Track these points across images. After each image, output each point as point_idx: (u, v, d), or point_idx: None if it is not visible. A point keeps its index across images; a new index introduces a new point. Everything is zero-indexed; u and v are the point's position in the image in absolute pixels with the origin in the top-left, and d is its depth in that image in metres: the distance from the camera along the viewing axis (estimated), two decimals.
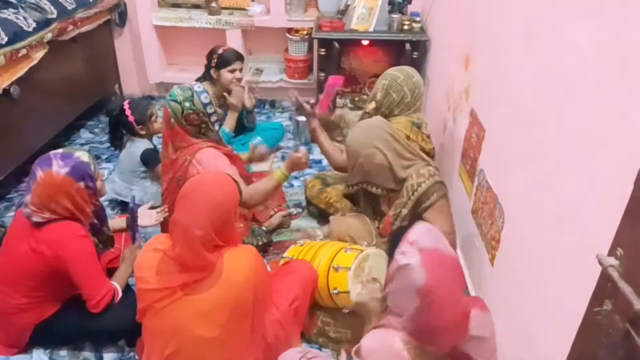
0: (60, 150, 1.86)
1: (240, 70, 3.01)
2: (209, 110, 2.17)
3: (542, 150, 1.51)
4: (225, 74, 2.95)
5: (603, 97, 1.18)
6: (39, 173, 1.77)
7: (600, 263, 0.94)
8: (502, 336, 1.39)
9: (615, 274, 0.90)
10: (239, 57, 3.00)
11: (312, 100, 2.62)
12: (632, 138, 1.01)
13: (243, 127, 3.23)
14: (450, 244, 1.46)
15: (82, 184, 1.81)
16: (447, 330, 1.23)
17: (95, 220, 1.91)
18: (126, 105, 2.70)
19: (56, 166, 1.77)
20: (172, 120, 2.14)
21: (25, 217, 1.80)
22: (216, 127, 2.31)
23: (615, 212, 0.98)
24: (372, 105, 2.48)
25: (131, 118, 2.68)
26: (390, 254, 1.32)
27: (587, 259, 1.04)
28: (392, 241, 1.35)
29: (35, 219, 1.78)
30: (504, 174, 1.85)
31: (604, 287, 0.97)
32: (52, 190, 1.76)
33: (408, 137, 2.32)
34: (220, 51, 2.96)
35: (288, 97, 2.94)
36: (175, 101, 2.12)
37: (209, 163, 2.13)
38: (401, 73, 2.44)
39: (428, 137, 2.50)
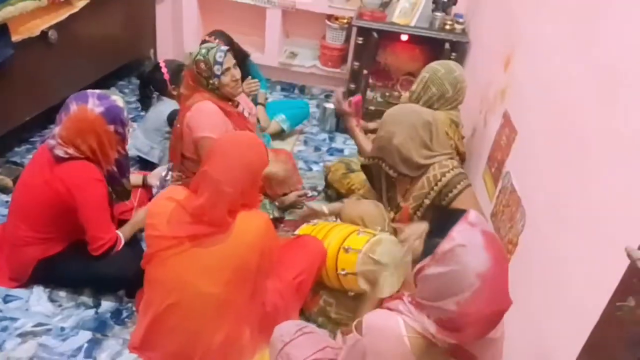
0: (97, 90, 1.87)
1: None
2: (217, 71, 2.16)
3: (578, 152, 1.46)
4: None
5: None
6: (73, 107, 1.78)
7: (629, 256, 0.89)
8: (510, 336, 1.35)
9: None
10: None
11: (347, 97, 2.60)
12: None
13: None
14: None
15: (112, 127, 1.82)
16: (488, 320, 1.14)
17: (115, 168, 1.91)
18: (162, 63, 2.75)
19: (92, 104, 1.78)
20: (187, 62, 2.22)
21: (49, 148, 1.80)
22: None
23: None
24: (406, 95, 2.43)
25: (167, 76, 2.73)
26: (433, 239, 1.20)
27: (611, 253, 0.99)
28: (438, 223, 1.24)
29: (58, 152, 1.78)
30: (531, 176, 1.80)
31: (629, 283, 0.92)
32: (83, 126, 1.77)
33: (447, 134, 2.26)
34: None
35: (333, 94, 2.87)
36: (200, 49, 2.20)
37: (198, 126, 2.15)
38: (442, 67, 2.38)
39: (463, 138, 2.44)
